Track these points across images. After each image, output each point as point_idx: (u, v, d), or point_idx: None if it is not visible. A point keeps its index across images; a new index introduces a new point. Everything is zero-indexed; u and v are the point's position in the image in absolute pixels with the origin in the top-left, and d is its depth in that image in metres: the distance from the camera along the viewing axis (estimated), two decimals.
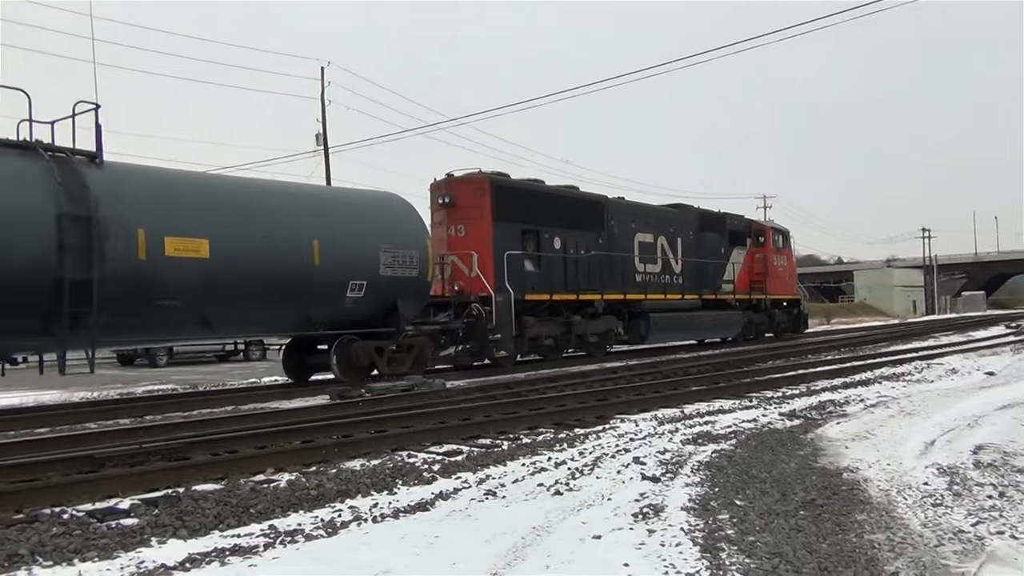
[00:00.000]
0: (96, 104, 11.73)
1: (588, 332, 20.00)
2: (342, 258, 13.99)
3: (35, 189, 10.76)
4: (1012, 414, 9.26)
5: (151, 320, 12.07)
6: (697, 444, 7.86)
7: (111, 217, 11.16)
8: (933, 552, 4.41)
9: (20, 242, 10.42)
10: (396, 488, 6.27)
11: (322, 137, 35.96)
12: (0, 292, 10.22)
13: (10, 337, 10.96)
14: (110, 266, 11.06)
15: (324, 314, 13.99)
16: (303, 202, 14.40)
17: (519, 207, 18.43)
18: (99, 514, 5.50)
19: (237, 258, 12.52)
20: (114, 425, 10.52)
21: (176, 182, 12.95)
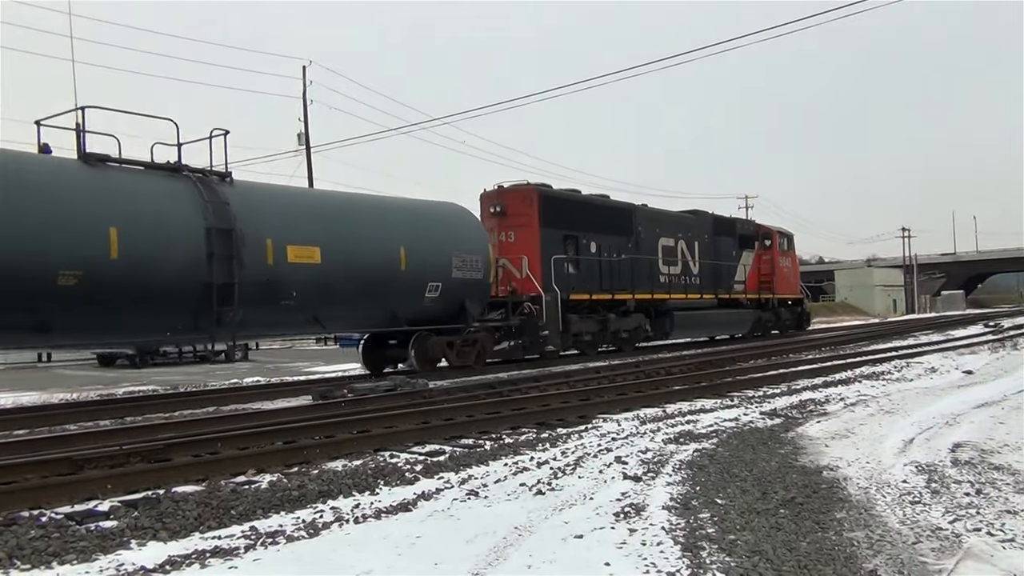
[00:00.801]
0: (226, 131, 13.63)
1: (621, 328, 21.94)
2: (422, 263, 15.88)
3: (188, 206, 12.49)
4: (990, 412, 9.36)
5: (275, 318, 13.95)
6: (679, 443, 7.89)
7: (246, 229, 12.91)
8: (911, 550, 4.46)
9: (180, 252, 12.19)
10: (378, 489, 6.26)
11: (304, 136, 35.88)
12: (163, 295, 12.01)
13: (168, 332, 12.83)
14: (246, 271, 12.80)
15: (407, 311, 15.93)
16: (392, 213, 16.36)
17: (561, 215, 20.44)
18: (78, 516, 5.46)
19: (342, 263, 14.36)
20: (94, 427, 10.43)
21: (292, 197, 15.46)
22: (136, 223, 11.76)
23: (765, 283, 28.92)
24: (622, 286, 21.82)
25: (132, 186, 12.23)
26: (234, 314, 12.67)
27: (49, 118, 12.28)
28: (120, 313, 11.84)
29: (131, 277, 11.56)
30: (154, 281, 11.88)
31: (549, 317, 18.88)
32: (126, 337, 13.17)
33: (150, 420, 10.90)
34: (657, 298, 23.20)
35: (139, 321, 12.25)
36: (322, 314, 14.48)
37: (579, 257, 20.82)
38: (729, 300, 26.93)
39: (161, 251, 11.97)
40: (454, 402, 11.13)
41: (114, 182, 12.09)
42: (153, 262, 11.85)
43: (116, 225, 11.47)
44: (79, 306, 11.18)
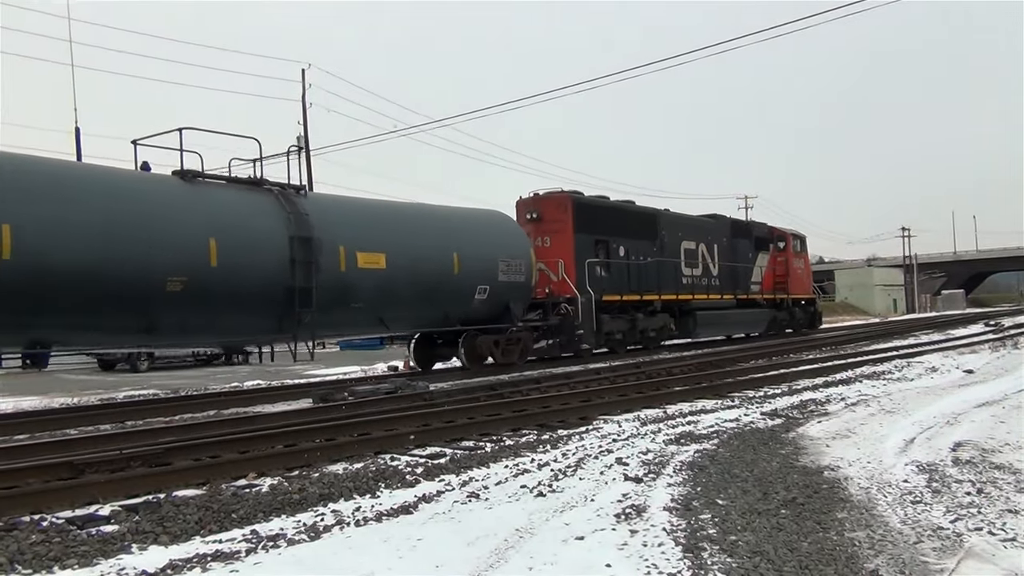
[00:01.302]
0: (300, 147, 15.32)
1: (648, 328, 23.15)
2: (473, 267, 17.08)
3: (273, 217, 13.64)
4: (990, 411, 9.35)
5: (346, 319, 15.11)
6: (679, 444, 7.89)
7: (322, 237, 13.99)
8: (912, 549, 4.45)
9: (267, 259, 13.29)
10: (379, 491, 6.26)
11: (303, 139, 35.90)
12: (253, 298, 13.18)
13: (256, 333, 14.04)
14: (323, 276, 13.91)
15: (458, 312, 17.14)
16: (445, 221, 17.55)
17: (593, 220, 21.60)
18: (79, 521, 5.46)
19: (404, 268, 15.53)
20: (95, 431, 10.43)
21: (360, 207, 16.47)
22: (231, 234, 12.91)
23: (780, 284, 30.10)
24: (649, 287, 22.99)
25: (225, 199, 13.46)
26: (313, 315, 13.83)
27: (146, 138, 13.55)
28: (216, 315, 13.00)
29: (227, 283, 12.68)
30: (246, 286, 13.05)
31: (584, 317, 20.04)
32: (219, 337, 14.35)
33: (151, 424, 10.90)
34: (681, 299, 24.34)
35: (231, 322, 13.43)
36: (386, 315, 15.69)
37: (609, 260, 21.90)
38: (747, 300, 28.04)
39: (252, 258, 13.13)
40: (455, 404, 11.13)
41: (209, 196, 13.28)
42: (245, 269, 13.00)
43: (215, 236, 12.61)
44: (183, 309, 12.31)
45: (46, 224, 10.80)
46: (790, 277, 30.51)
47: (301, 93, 35.66)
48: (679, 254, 24.64)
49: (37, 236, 10.65)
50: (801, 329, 31.86)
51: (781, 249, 30.46)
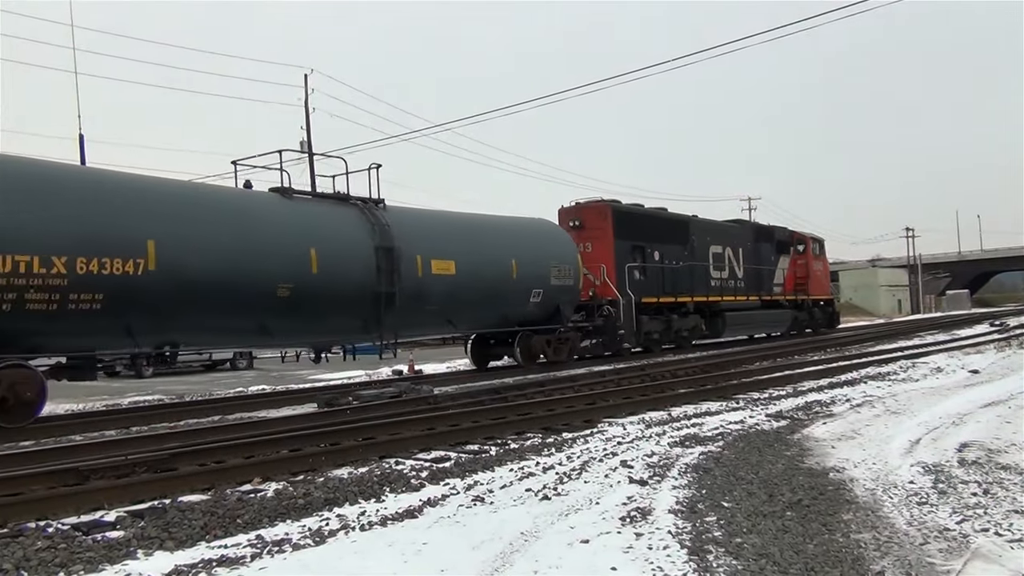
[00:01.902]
0: (378, 164, 16.40)
1: (682, 328, 24.53)
2: (528, 272, 18.58)
3: (361, 229, 15.26)
4: (996, 411, 9.33)
5: (421, 320, 16.61)
6: (684, 447, 7.88)
7: (402, 247, 15.59)
8: (919, 551, 4.44)
9: (357, 267, 14.86)
10: (384, 495, 6.26)
11: (307, 144, 35.93)
12: (345, 302, 14.75)
13: (346, 333, 15.65)
14: (403, 282, 15.52)
15: (515, 314, 18.67)
16: (504, 230, 19.17)
17: (630, 227, 23.12)
18: (84, 527, 5.46)
19: (471, 274, 17.05)
20: (99, 437, 10.43)
21: (432, 218, 17.85)
22: (327, 244, 14.48)
23: (800, 285, 31.51)
24: (681, 290, 24.50)
25: (319, 213, 15.17)
26: (394, 317, 15.49)
27: (248, 158, 15.45)
28: (316, 318, 14.49)
29: (325, 288, 14.25)
30: (340, 291, 14.62)
31: (625, 318, 21.67)
32: (317, 338, 15.53)
33: (156, 430, 10.90)
34: (711, 300, 25.82)
35: (327, 324, 15.00)
36: (454, 317, 17.28)
37: (645, 264, 23.43)
38: (770, 301, 29.44)
39: (345, 266, 14.68)
40: (459, 408, 11.12)
41: (306, 210, 14.97)
42: (340, 276, 14.56)
43: (314, 246, 14.18)
44: (290, 312, 13.87)
45: (182, 239, 12.39)
46: (810, 279, 31.97)
47: (304, 98, 35.69)
48: (708, 258, 26.04)
49: (176, 250, 12.23)
50: (820, 329, 33.08)
51: (801, 252, 31.87)
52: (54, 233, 11.07)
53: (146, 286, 11.84)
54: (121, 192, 12.33)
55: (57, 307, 11.10)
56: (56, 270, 11.01)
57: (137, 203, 12.24)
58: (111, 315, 11.65)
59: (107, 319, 11.67)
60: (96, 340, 12.07)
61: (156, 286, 11.92)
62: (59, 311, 11.13)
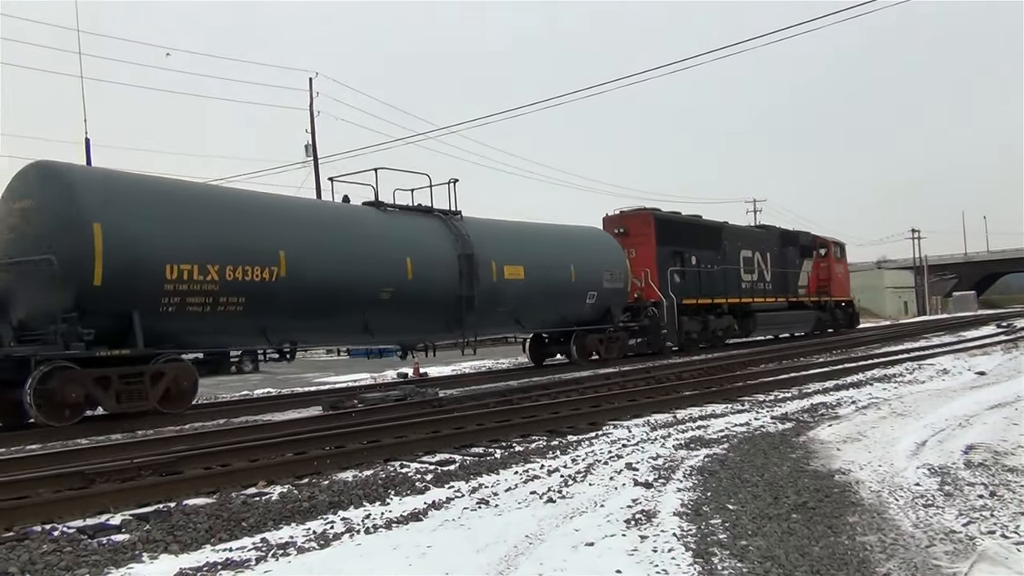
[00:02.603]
0: (455, 179, 18.23)
1: (717, 328, 26.10)
2: (585, 276, 20.38)
3: (445, 238, 17.17)
4: (1003, 413, 9.29)
5: (494, 320, 18.44)
6: (689, 449, 7.87)
7: (479, 254, 17.46)
8: (924, 553, 4.43)
9: (443, 273, 16.73)
10: (389, 498, 6.26)
11: (311, 148, 36.00)
12: (433, 304, 16.61)
13: (432, 332, 17.51)
14: (480, 286, 17.37)
15: (572, 314, 20.42)
16: (563, 238, 21.13)
17: (671, 234, 24.77)
18: (90, 530, 5.48)
19: (537, 277, 18.89)
20: (105, 440, 10.47)
21: (503, 228, 19.61)
22: (420, 252, 16.39)
23: (823, 287, 33.00)
24: (716, 292, 26.05)
25: (410, 225, 17.05)
26: (474, 318, 17.40)
27: (345, 175, 17.61)
28: (410, 318, 16.42)
29: (418, 292, 16.16)
30: (430, 294, 16.48)
31: (668, 319, 23.37)
32: (408, 336, 17.42)
33: (161, 433, 10.93)
34: (743, 302, 27.44)
35: (418, 324, 16.93)
36: (522, 317, 19.14)
37: (684, 268, 25.00)
38: (795, 302, 31.06)
39: (434, 272, 16.52)
40: (464, 411, 11.13)
41: (399, 222, 16.91)
42: (430, 281, 16.39)
43: (409, 255, 16.12)
44: (389, 313, 15.73)
45: (305, 249, 14.15)
46: (832, 281, 33.48)
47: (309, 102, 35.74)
48: (738, 262, 27.70)
49: (300, 258, 13.95)
50: (841, 328, 34.69)
51: (823, 255, 33.41)
52: (208, 245, 12.82)
53: (278, 291, 13.66)
54: (256, 209, 14.40)
55: (209, 309, 12.87)
56: (210, 277, 12.78)
57: (269, 218, 14.26)
58: (249, 316, 13.45)
59: (246, 320, 13.48)
60: (235, 338, 13.99)
61: (286, 291, 13.75)
62: (210, 312, 12.93)
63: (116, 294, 11.78)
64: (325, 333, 15.92)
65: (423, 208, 17.83)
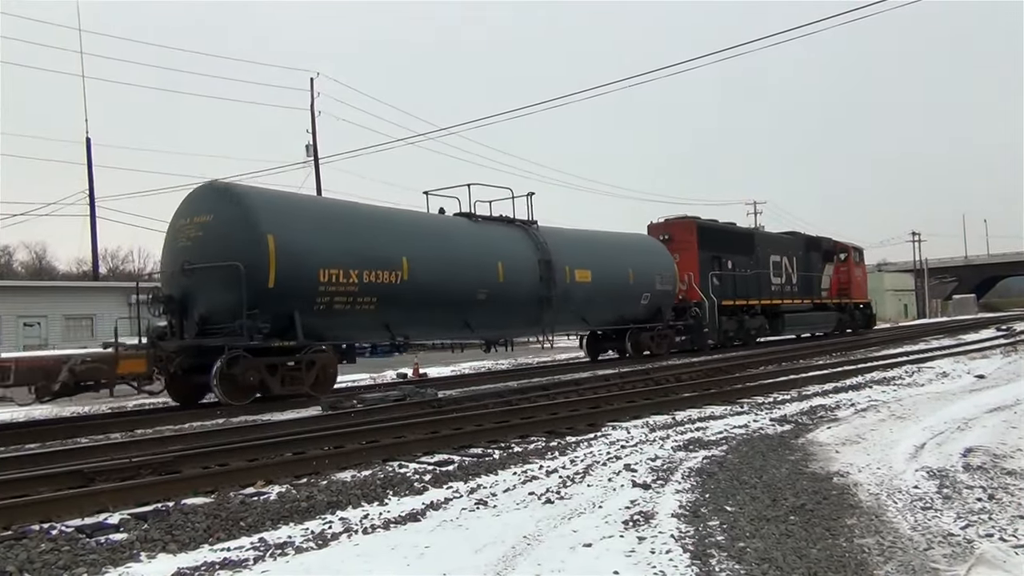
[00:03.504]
0: (532, 192, 20.30)
1: (751, 327, 28.15)
2: (640, 279, 22.60)
3: (528, 246, 19.28)
4: (1002, 417, 9.29)
5: (566, 319, 20.64)
6: (688, 450, 7.87)
7: (555, 260, 19.48)
8: (922, 556, 4.43)
9: (527, 276, 18.81)
10: (387, 499, 6.26)
11: (312, 148, 36.02)
12: (519, 304, 18.63)
13: (516, 328, 19.97)
14: (556, 288, 19.46)
15: (629, 314, 22.68)
16: (623, 244, 23.49)
17: (711, 240, 26.76)
18: (88, 529, 5.48)
19: (602, 280, 21.02)
20: (104, 439, 10.47)
21: (572, 235, 21.66)
22: (509, 258, 18.46)
23: (844, 290, 35.15)
24: (750, 294, 28.05)
25: (498, 234, 19.01)
26: (550, 316, 19.52)
27: (439, 189, 19.44)
28: (500, 316, 18.50)
29: (508, 293, 18.20)
30: (517, 295, 18.50)
31: (709, 318, 25.37)
32: (498, 332, 19.68)
33: (160, 432, 10.93)
34: (773, 303, 29.41)
35: (506, 321, 18.99)
36: (587, 316, 21.33)
37: (722, 272, 26.74)
38: (819, 304, 33.08)
39: (520, 276, 18.56)
40: (463, 411, 11.12)
41: (489, 231, 18.90)
42: (517, 284, 18.45)
43: (501, 260, 18.18)
44: (485, 312, 17.81)
45: (422, 255, 16.25)
46: (852, 284, 35.63)
47: (310, 102, 35.76)
48: (768, 266, 29.58)
49: (418, 264, 16.05)
50: (859, 329, 36.57)
51: (843, 260, 35.48)
52: (350, 253, 14.95)
53: (401, 292, 15.72)
54: (385, 222, 16.57)
55: (349, 307, 15.03)
56: (352, 280, 14.91)
57: (394, 230, 16.43)
58: (378, 313, 15.58)
59: (375, 316, 15.60)
60: (365, 332, 16.23)
61: (406, 292, 15.82)
62: (350, 310, 15.07)
63: (283, 294, 13.88)
64: (433, 328, 17.83)
65: (506, 218, 19.79)
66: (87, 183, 34.72)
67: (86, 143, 33.35)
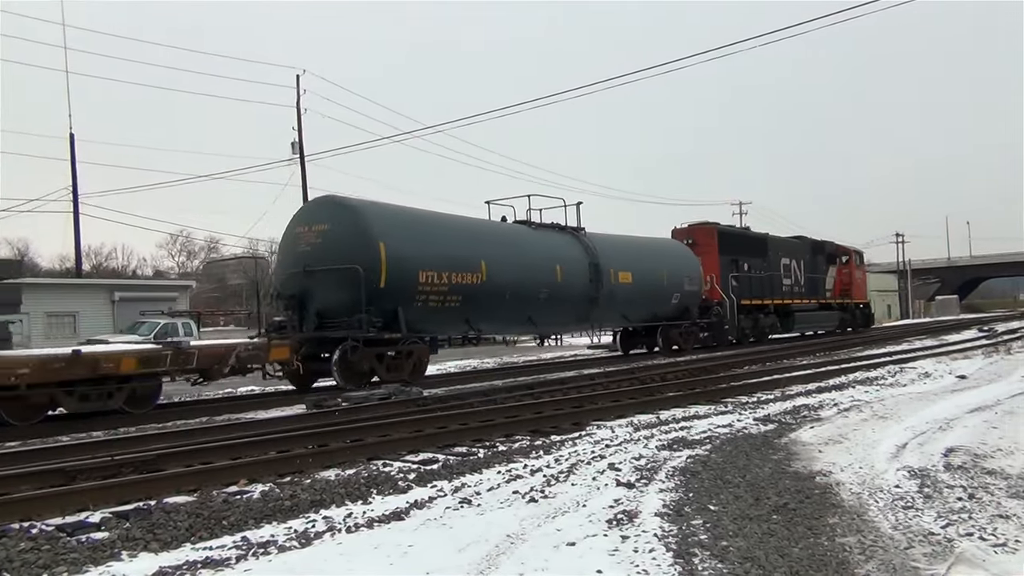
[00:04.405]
0: (579, 202, 22.80)
1: (765, 325, 30.09)
2: (672, 281, 24.74)
3: (579, 250, 21.43)
4: (983, 417, 9.37)
5: (610, 316, 22.97)
6: (672, 450, 7.89)
7: (602, 263, 21.63)
8: (903, 555, 4.46)
9: (579, 278, 20.93)
10: (371, 497, 6.25)
11: (298, 145, 35.86)
12: (572, 302, 20.70)
13: (568, 324, 22.17)
14: (603, 289, 21.57)
15: (661, 312, 24.73)
16: (657, 249, 25.62)
17: (729, 244, 28.78)
18: (69, 528, 5.44)
19: (640, 282, 23.20)
20: (87, 437, 10.39)
21: (615, 240, 23.66)
22: (565, 261, 20.56)
23: (845, 291, 37.18)
24: (764, 294, 29.90)
25: (554, 240, 21.08)
26: (598, 313, 21.83)
27: (497, 199, 21.47)
28: (558, 313, 20.56)
29: (564, 293, 20.23)
30: (570, 295, 20.53)
31: (729, 317, 27.37)
32: (553, 327, 21.78)
33: (143, 430, 10.85)
34: (785, 302, 31.33)
35: (562, 318, 21.11)
36: (628, 313, 23.54)
37: (739, 274, 28.63)
38: (824, 304, 35.12)
39: (573, 278, 20.63)
40: (448, 410, 11.11)
41: (546, 238, 20.95)
42: (571, 285, 20.46)
43: (559, 264, 20.29)
44: (545, 309, 19.86)
45: (496, 259, 18.30)
46: (853, 286, 37.66)
47: (296, 99, 35.61)
48: (779, 268, 31.45)
49: (494, 267, 18.10)
50: (859, 328, 38.64)
51: (845, 263, 37.45)
52: (442, 257, 17.00)
53: (480, 291, 17.72)
54: (468, 231, 18.85)
55: (440, 304, 17.02)
56: (443, 281, 16.93)
57: (474, 237, 18.68)
58: (461, 311, 17.57)
59: (459, 313, 17.57)
60: (449, 327, 17.98)
61: (484, 291, 17.85)
62: (440, 307, 17.06)
63: (391, 293, 15.93)
64: (503, 323, 19.74)
65: (558, 225, 21.75)
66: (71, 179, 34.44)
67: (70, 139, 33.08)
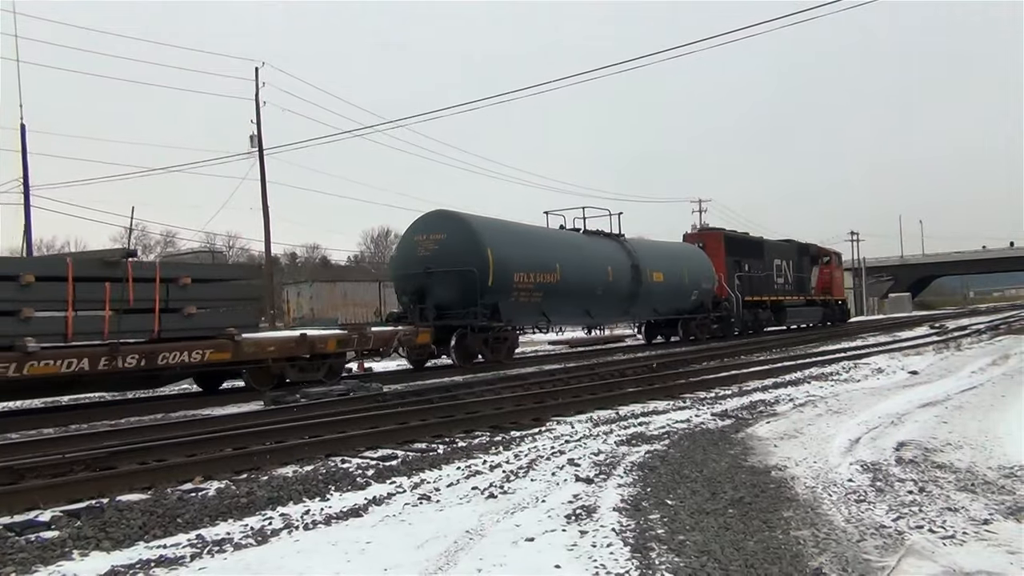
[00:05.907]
0: (620, 212, 26.92)
1: (762, 319, 33.61)
2: (691, 280, 28.03)
3: (623, 254, 24.78)
4: (934, 412, 9.57)
5: (643, 311, 26.69)
6: (631, 445, 7.94)
7: (641, 264, 25.04)
8: (855, 547, 4.54)
9: (623, 277, 24.23)
10: (329, 494, 6.20)
11: (257, 139, 35.42)
12: (618, 297, 24.17)
13: (614, 317, 26.63)
14: (642, 287, 25.03)
15: (682, 307, 28.16)
16: (679, 253, 28.98)
17: (733, 247, 32.12)
18: (18, 527, 5.32)
19: (669, 281, 26.60)
20: (37, 435, 10.16)
21: (649, 245, 27.90)
22: (614, 264, 23.94)
23: (827, 288, 40.92)
24: (761, 292, 33.26)
25: (603, 245, 24.38)
26: (637, 307, 25.70)
27: (557, 209, 25.43)
28: (609, 307, 24.19)
29: (612, 290, 23.66)
30: (618, 291, 23.99)
31: (737, 311, 30.81)
32: (607, 319, 26.35)
33: (96, 428, 10.66)
34: (778, 299, 34.79)
35: (609, 312, 24.75)
36: (658, 308, 26.96)
37: (741, 274, 31.84)
38: (809, 300, 38.93)
39: (619, 277, 23.96)
40: (407, 406, 11.06)
41: (598, 244, 24.27)
42: (618, 283, 23.86)
43: (610, 265, 23.67)
44: (601, 304, 23.42)
45: (566, 262, 21.67)
46: (832, 284, 41.59)
47: (255, 92, 35.16)
48: (773, 268, 34.74)
49: (565, 268, 21.42)
50: (837, 321, 42.52)
51: (827, 263, 41.23)
52: (530, 259, 20.41)
53: (555, 289, 21.01)
54: (544, 238, 22.35)
55: (527, 300, 20.29)
56: (531, 280, 20.30)
57: (551, 243, 22.15)
58: (540, 305, 20.82)
59: (538, 307, 20.82)
60: (532, 318, 21.29)
61: (558, 289, 21.11)
62: (527, 302, 20.33)
63: (495, 291, 19.18)
64: (568, 315, 23.06)
65: (604, 232, 25.19)
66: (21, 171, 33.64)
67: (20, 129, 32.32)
